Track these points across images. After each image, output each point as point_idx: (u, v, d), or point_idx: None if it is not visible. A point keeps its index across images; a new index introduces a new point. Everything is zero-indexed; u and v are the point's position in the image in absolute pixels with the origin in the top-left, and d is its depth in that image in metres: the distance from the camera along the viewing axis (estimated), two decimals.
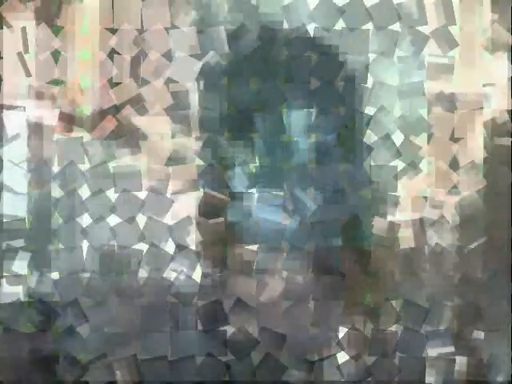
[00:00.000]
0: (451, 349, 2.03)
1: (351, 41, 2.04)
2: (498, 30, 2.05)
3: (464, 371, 2.03)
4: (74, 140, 2.02)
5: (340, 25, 2.04)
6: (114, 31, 2.02)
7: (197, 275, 2.02)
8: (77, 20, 2.02)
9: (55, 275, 2.01)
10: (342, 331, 2.02)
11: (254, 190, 2.03)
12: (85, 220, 2.02)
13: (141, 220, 2.02)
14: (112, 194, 2.02)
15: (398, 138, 2.04)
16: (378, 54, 2.04)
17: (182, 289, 2.01)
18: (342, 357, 2.03)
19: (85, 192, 2.02)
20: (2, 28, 2.02)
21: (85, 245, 2.01)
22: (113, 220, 2.02)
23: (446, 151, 2.05)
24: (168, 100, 2.02)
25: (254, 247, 2.02)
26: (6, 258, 2.01)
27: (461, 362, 2.03)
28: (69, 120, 2.02)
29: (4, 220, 2.01)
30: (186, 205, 2.02)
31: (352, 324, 2.02)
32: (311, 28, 2.04)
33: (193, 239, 2.02)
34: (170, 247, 2.02)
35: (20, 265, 2.01)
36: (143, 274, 2.01)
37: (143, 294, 2.01)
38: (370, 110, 2.04)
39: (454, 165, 2.05)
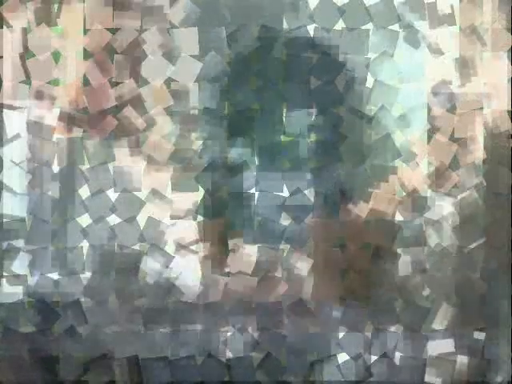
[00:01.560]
0: (451, 349, 2.03)
1: (351, 41, 2.04)
2: (498, 29, 2.05)
3: (464, 371, 2.03)
4: (74, 140, 2.02)
5: (340, 25, 2.04)
6: (114, 31, 2.02)
7: (197, 275, 2.02)
8: (77, 20, 2.03)
9: (55, 275, 2.01)
10: (342, 331, 2.02)
11: (253, 190, 2.03)
12: (85, 220, 2.02)
13: (141, 220, 2.02)
14: (112, 194, 2.02)
15: (398, 138, 2.04)
16: (378, 54, 2.04)
17: (183, 289, 2.01)
18: (342, 357, 2.03)
19: (85, 192, 2.02)
20: (1, 28, 2.02)
21: (85, 245, 2.01)
22: (113, 220, 2.02)
23: (446, 151, 2.05)
24: (168, 100, 2.03)
25: (254, 247, 2.02)
26: (6, 258, 2.01)
27: (461, 361, 2.03)
28: (69, 120, 2.02)
29: (4, 220, 2.01)
30: (186, 205, 2.02)
31: (352, 324, 2.02)
32: (311, 28, 2.04)
33: (193, 239, 2.02)
34: (170, 247, 2.02)
35: (20, 265, 2.01)
36: (143, 273, 2.01)
37: (143, 294, 2.01)
38: (369, 110, 2.04)
39: (454, 165, 2.05)
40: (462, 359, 2.03)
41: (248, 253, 2.02)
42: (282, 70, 2.03)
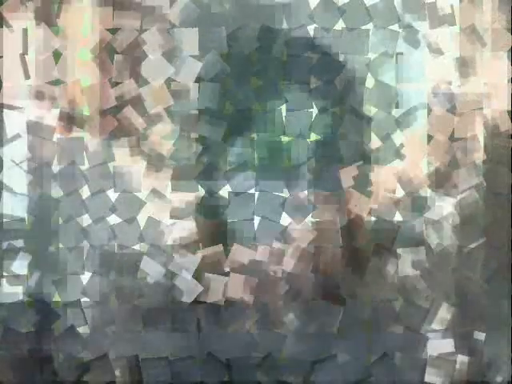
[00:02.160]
0: (451, 349, 2.03)
1: (351, 41, 2.04)
2: (498, 29, 2.05)
3: (464, 371, 2.03)
4: (74, 140, 2.02)
5: (340, 25, 2.04)
6: (114, 31, 2.02)
7: (197, 275, 2.02)
8: (77, 20, 2.03)
9: (55, 275, 2.01)
10: (342, 331, 2.02)
11: (253, 190, 2.03)
12: (85, 220, 2.02)
13: (141, 220, 2.02)
14: (112, 194, 2.02)
15: (397, 138, 2.04)
16: (378, 54, 2.04)
17: (183, 289, 2.01)
18: (342, 357, 2.03)
19: (85, 192, 2.02)
20: (1, 28, 2.02)
21: (85, 245, 2.01)
22: (113, 220, 2.02)
23: (446, 151, 2.05)
24: (168, 100, 2.02)
25: (254, 247, 2.02)
26: (6, 258, 2.01)
27: (461, 361, 2.03)
28: (69, 120, 2.02)
29: (4, 220, 2.01)
30: (186, 205, 2.02)
31: (352, 324, 2.02)
32: (311, 28, 2.04)
33: (193, 239, 2.02)
34: (170, 247, 2.02)
35: (20, 265, 2.01)
36: (143, 274, 2.01)
37: (143, 294, 2.01)
38: (369, 110, 2.04)
39: (454, 165, 2.05)
40: (462, 359, 2.03)
41: (248, 253, 2.02)
42: (281, 69, 2.03)
